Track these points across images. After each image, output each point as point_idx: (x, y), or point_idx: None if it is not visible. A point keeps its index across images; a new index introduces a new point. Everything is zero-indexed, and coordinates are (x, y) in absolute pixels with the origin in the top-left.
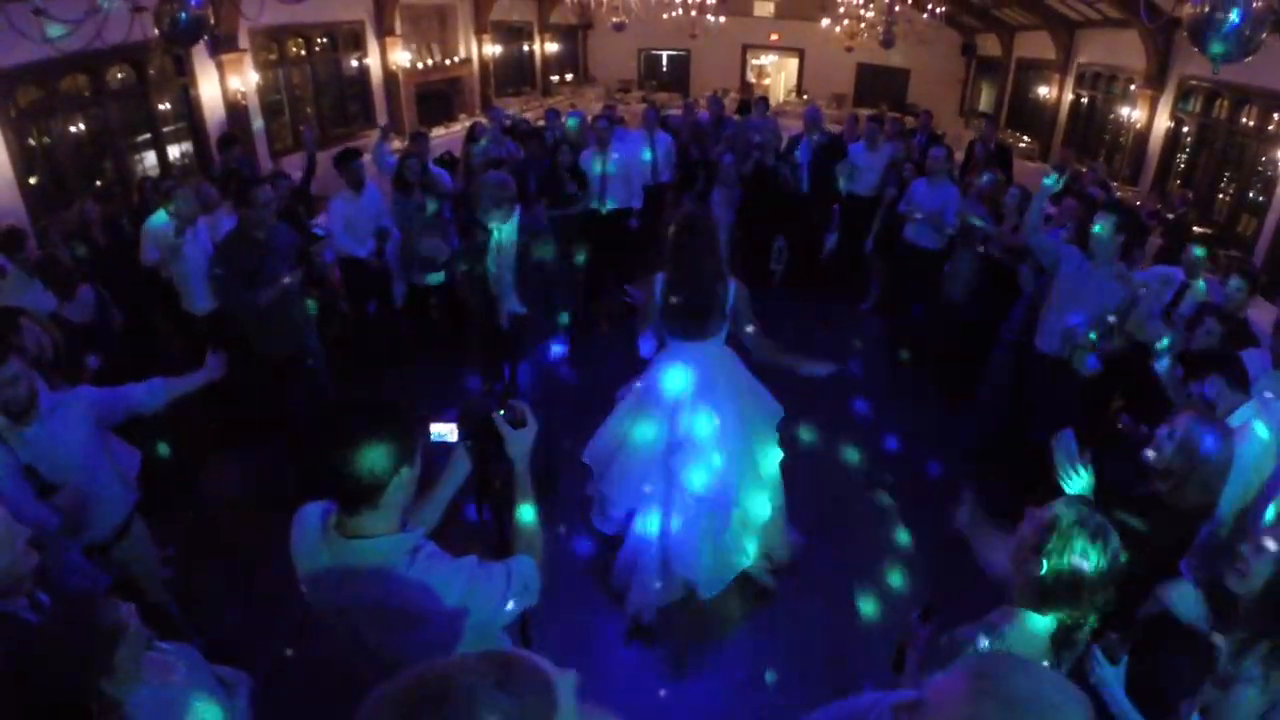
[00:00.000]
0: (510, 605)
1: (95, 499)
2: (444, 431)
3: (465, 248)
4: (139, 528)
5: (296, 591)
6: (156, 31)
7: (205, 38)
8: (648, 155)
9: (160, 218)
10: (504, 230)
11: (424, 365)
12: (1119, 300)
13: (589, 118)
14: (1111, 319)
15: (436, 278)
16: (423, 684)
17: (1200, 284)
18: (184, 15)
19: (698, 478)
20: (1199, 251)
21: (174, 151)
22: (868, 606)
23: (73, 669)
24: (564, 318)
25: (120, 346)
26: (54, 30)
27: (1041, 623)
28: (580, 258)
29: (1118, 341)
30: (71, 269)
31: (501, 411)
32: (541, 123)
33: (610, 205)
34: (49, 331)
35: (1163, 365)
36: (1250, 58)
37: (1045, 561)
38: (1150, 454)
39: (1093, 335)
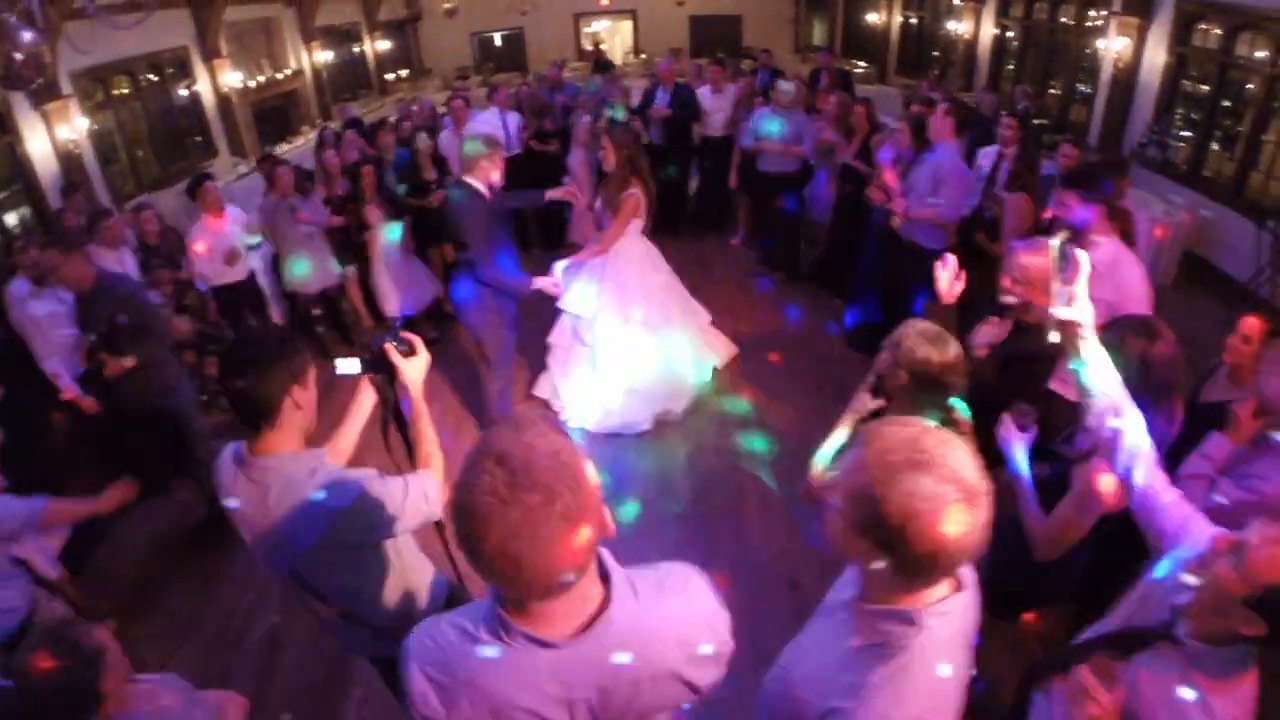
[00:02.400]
0: (410, 511)
1: None
2: (347, 365)
3: None
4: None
5: (244, 628)
6: None
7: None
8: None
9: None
10: None
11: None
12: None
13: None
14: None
15: (301, 270)
16: None
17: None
18: (18, 55)
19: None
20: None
21: (11, 219)
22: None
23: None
24: None
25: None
26: None
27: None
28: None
29: None
30: None
31: (395, 343)
32: (394, 117)
33: None
34: None
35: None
36: None
37: (901, 370)
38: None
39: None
